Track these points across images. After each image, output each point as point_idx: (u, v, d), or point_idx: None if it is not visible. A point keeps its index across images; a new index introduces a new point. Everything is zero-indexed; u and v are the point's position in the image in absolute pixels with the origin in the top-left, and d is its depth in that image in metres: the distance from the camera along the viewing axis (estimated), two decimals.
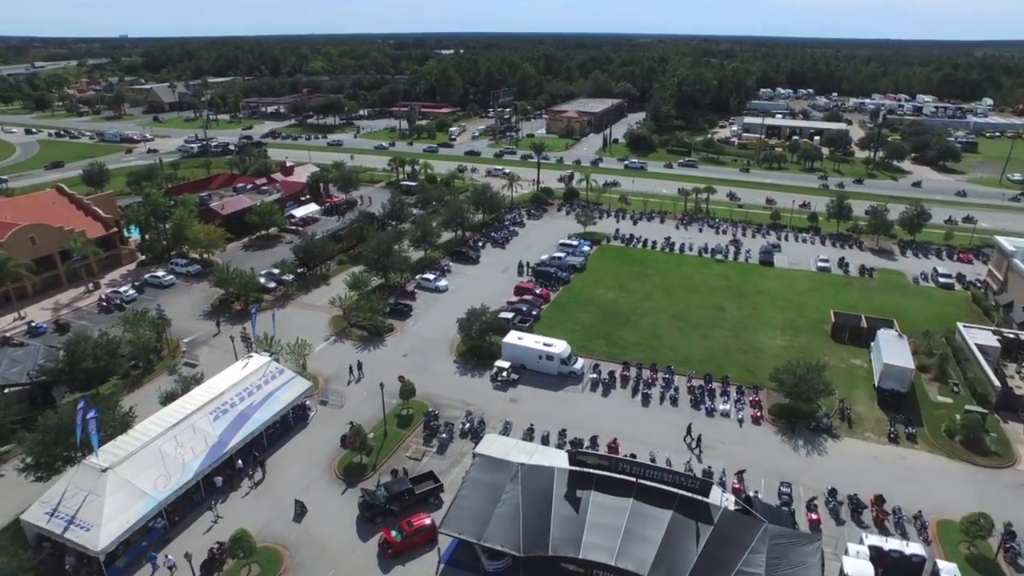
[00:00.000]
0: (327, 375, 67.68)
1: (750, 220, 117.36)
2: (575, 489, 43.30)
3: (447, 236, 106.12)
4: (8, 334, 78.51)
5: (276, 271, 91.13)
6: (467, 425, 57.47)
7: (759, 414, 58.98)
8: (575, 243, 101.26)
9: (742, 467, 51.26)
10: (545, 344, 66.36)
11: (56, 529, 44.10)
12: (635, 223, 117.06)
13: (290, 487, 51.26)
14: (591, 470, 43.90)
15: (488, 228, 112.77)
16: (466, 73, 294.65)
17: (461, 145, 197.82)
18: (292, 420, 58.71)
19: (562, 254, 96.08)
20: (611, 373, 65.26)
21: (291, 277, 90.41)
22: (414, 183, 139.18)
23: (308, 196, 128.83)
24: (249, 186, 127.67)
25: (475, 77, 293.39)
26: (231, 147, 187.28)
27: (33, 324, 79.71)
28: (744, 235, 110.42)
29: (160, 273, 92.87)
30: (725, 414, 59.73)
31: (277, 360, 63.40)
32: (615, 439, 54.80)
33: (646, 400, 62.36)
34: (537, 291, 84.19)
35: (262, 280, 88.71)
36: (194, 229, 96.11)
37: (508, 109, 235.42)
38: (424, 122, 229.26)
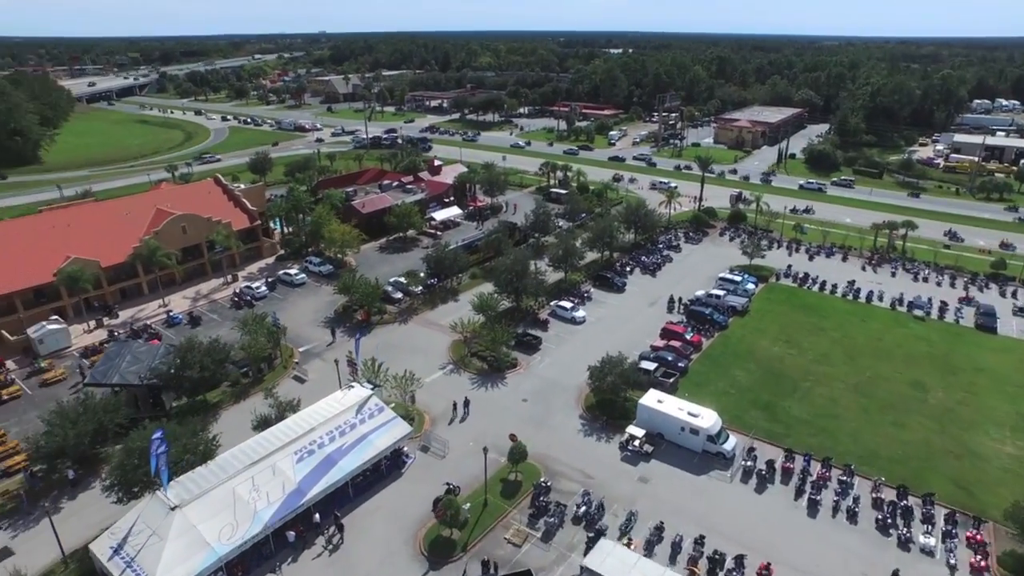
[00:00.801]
0: (435, 413, 60.38)
1: (960, 267, 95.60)
2: None
3: (592, 256, 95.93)
4: (149, 322, 79.71)
5: (404, 280, 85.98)
6: (583, 508, 47.33)
7: (983, 563, 42.86)
8: (738, 278, 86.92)
9: None
10: (690, 414, 54.35)
11: (115, 570, 40.07)
12: (811, 258, 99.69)
13: (367, 556, 44.13)
14: None
15: (639, 250, 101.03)
16: (632, 74, 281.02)
17: (603, 150, 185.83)
18: (385, 468, 51.77)
19: (721, 292, 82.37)
20: (770, 463, 51.90)
21: (419, 289, 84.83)
22: (563, 191, 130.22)
23: (452, 198, 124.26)
24: (395, 183, 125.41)
25: (641, 78, 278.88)
26: (399, 140, 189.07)
27: (171, 314, 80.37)
28: (952, 287, 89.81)
29: (292, 271, 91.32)
30: (928, 551, 44.43)
31: (380, 393, 57.20)
32: (768, 563, 42.09)
33: (813, 508, 48.49)
34: (688, 336, 71.69)
35: (389, 289, 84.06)
36: (330, 228, 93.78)
37: (674, 114, 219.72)
38: (584, 123, 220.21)
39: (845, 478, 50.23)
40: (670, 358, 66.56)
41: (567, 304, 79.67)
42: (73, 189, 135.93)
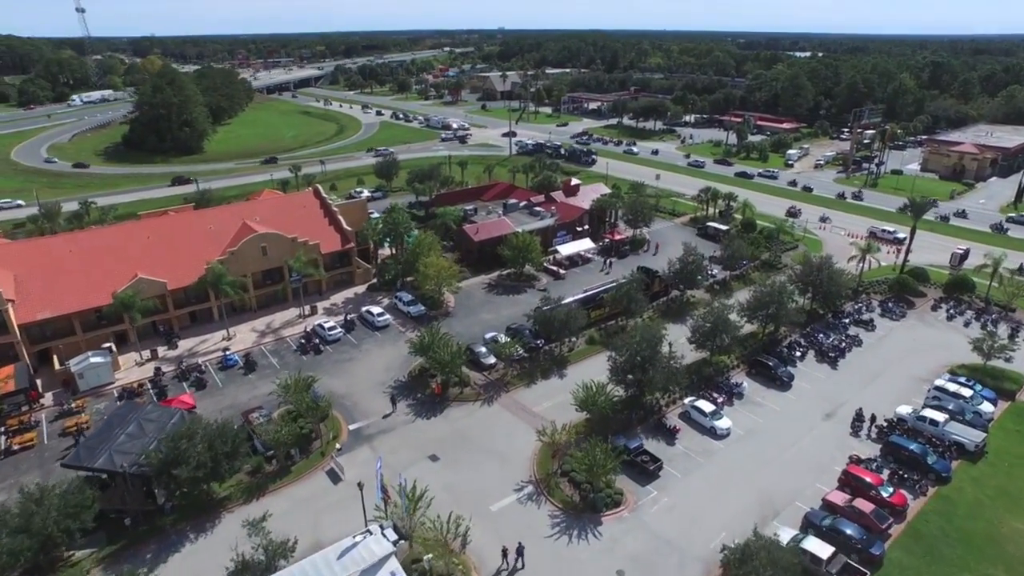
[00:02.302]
0: (487, 569, 42.29)
1: None
2: None
3: (748, 325, 72.63)
4: (202, 361, 68.83)
5: (502, 338, 68.65)
6: None
7: None
8: (965, 391, 59.89)
9: None
10: None
11: None
12: None
13: None
14: None
15: (815, 325, 75.96)
16: (821, 82, 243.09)
17: (744, 166, 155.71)
18: None
19: (940, 416, 56.05)
20: None
21: (518, 353, 66.77)
22: (723, 227, 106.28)
23: (587, 227, 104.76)
24: (522, 203, 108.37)
25: (832, 87, 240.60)
26: (562, 151, 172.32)
27: (227, 354, 68.97)
28: None
29: (376, 309, 77.18)
30: None
31: (405, 543, 40.32)
32: None
33: None
34: (885, 492, 47.62)
35: (481, 350, 67.17)
36: (426, 261, 78.45)
37: (869, 131, 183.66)
38: (757, 138, 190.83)
39: None
40: (852, 532, 43.28)
41: (706, 407, 57.85)
42: (209, 183, 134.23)
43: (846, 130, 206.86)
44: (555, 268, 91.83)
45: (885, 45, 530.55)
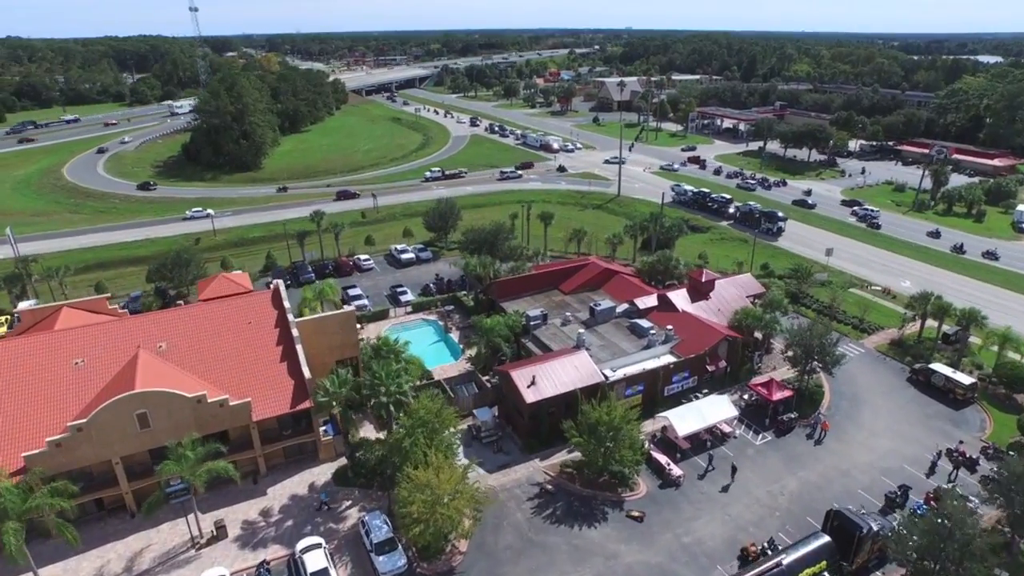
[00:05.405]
0: None
1: None
2: None
3: None
4: None
5: None
6: None
7: None
8: None
9: None
10: None
11: None
12: None
13: None
14: None
15: None
16: None
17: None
18: None
19: None
20: None
21: None
22: (965, 379, 61.26)
23: (724, 365, 63.24)
24: (622, 307, 68.97)
25: None
26: (732, 209, 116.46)
27: None
28: None
29: (313, 559, 40.45)
30: None
31: None
32: None
33: None
34: None
35: None
36: (414, 477, 40.93)
37: None
38: (960, 181, 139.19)
39: None
40: None
41: None
42: (229, 217, 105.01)
43: None
44: (664, 461, 51.60)
45: None
